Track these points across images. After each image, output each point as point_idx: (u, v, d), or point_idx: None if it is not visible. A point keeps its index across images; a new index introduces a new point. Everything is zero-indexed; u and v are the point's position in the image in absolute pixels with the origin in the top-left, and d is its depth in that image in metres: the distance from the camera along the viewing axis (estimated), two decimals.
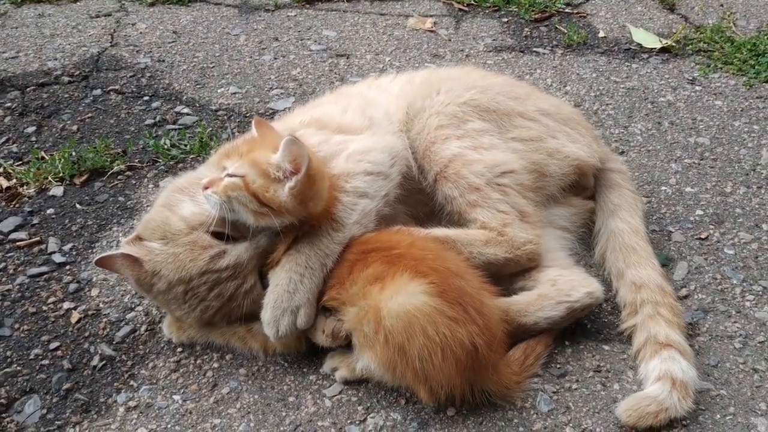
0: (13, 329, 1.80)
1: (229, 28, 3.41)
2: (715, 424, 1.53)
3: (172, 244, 1.59)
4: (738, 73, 2.94)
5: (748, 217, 2.12)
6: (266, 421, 1.56)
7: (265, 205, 1.52)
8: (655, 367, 1.57)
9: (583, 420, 1.54)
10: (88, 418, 1.58)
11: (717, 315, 1.80)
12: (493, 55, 3.14)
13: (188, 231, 1.59)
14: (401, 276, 1.47)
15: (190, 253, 1.57)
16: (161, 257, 1.58)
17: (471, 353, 1.43)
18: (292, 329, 1.54)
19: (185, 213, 1.63)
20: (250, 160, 1.53)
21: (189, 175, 1.84)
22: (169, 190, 1.75)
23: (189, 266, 1.56)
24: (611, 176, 2.04)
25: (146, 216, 1.71)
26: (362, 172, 1.70)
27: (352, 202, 1.65)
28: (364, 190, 1.68)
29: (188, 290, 1.59)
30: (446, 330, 1.41)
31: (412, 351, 1.41)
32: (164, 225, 1.62)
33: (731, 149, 2.44)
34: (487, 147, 1.84)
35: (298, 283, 1.55)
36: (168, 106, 2.75)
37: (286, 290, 1.55)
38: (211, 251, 1.57)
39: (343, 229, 1.62)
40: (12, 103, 2.75)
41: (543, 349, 1.66)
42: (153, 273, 1.59)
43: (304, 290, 1.55)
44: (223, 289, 1.59)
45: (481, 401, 1.53)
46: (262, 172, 1.52)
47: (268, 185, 1.52)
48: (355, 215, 1.64)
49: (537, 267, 1.79)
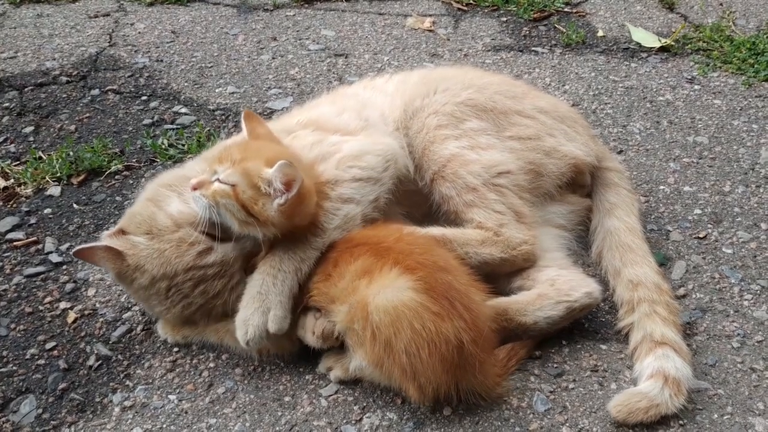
0: (9, 329, 1.79)
1: (227, 28, 3.41)
2: (713, 424, 1.52)
3: (157, 240, 1.58)
4: (737, 72, 2.93)
5: (746, 216, 2.12)
6: (262, 420, 1.55)
7: (252, 215, 1.52)
8: (648, 364, 1.56)
9: (580, 420, 1.53)
10: (83, 418, 1.57)
11: (715, 314, 1.80)
12: (492, 55, 3.14)
13: (175, 228, 1.59)
14: (389, 271, 1.47)
15: (176, 249, 1.57)
16: (146, 252, 1.58)
17: (456, 348, 1.42)
18: (262, 332, 1.51)
19: (172, 211, 1.62)
20: (242, 170, 1.53)
21: (175, 171, 1.82)
22: (155, 184, 1.74)
23: (175, 262, 1.56)
24: (608, 175, 2.04)
25: (130, 209, 1.70)
26: (350, 178, 1.69)
27: (335, 207, 1.64)
28: (350, 196, 1.67)
29: (172, 286, 1.59)
30: (431, 325, 1.40)
31: (398, 346, 1.41)
32: (150, 220, 1.61)
33: (730, 148, 2.44)
34: (485, 147, 1.84)
35: (271, 285, 1.54)
36: (166, 106, 2.75)
37: (259, 291, 1.54)
38: (198, 247, 1.58)
39: (323, 234, 1.62)
40: (10, 103, 2.75)
41: (525, 354, 1.66)
42: (136, 267, 1.58)
43: (276, 292, 1.54)
44: (208, 286, 1.59)
45: (468, 400, 1.52)
46: (252, 184, 1.52)
47: (257, 198, 1.52)
48: (336, 220, 1.63)
49: (535, 267, 1.79)
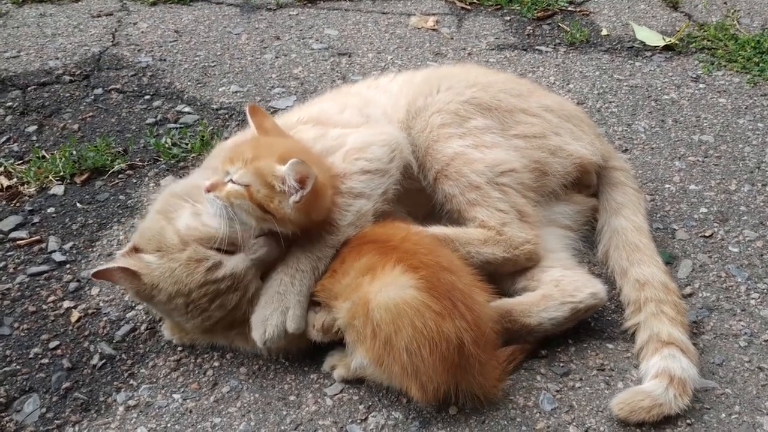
0: (12, 328, 1.79)
1: (230, 27, 3.40)
2: (720, 423, 1.51)
3: (167, 258, 1.56)
4: (742, 70, 2.92)
5: (752, 214, 2.11)
6: (267, 420, 1.54)
7: (268, 212, 1.52)
8: (654, 364, 1.56)
9: (587, 419, 1.52)
10: (87, 417, 1.57)
11: (722, 313, 1.79)
12: (496, 54, 3.13)
13: (182, 246, 1.56)
14: (392, 269, 1.46)
15: (186, 268, 1.54)
16: (158, 271, 1.55)
17: (457, 348, 1.41)
18: (281, 331, 1.51)
19: (180, 226, 1.59)
20: (255, 170, 1.52)
21: (185, 181, 1.83)
22: (167, 194, 1.72)
23: (186, 280, 1.54)
24: (614, 174, 2.02)
25: (142, 224, 1.69)
26: (358, 171, 1.68)
27: (346, 203, 1.64)
28: (360, 191, 1.66)
29: (189, 302, 1.56)
30: (432, 324, 1.39)
31: (399, 343, 1.40)
32: (159, 236, 1.59)
33: (735, 147, 2.43)
34: (489, 145, 1.83)
35: (289, 284, 1.54)
36: (169, 105, 2.74)
37: (277, 291, 1.54)
38: (206, 263, 1.54)
39: (336, 232, 1.61)
40: (13, 103, 2.74)
41: (523, 358, 1.65)
42: (152, 286, 1.56)
43: (294, 292, 1.54)
44: (224, 300, 1.56)
45: (466, 402, 1.51)
46: (266, 182, 1.51)
47: (273, 196, 1.51)
48: (349, 217, 1.62)
49: (539, 267, 1.78)
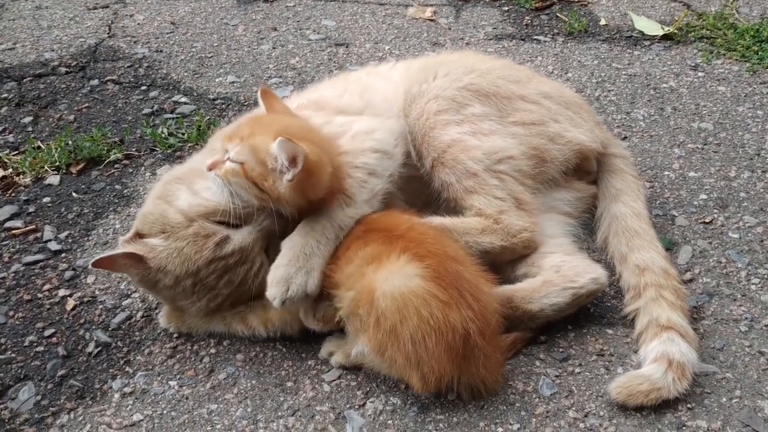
0: (7, 316, 1.77)
1: (227, 19, 3.39)
2: (721, 407, 1.50)
3: (173, 238, 1.55)
4: (741, 59, 2.90)
5: (752, 201, 2.09)
6: (264, 405, 1.53)
7: (264, 191, 1.50)
8: (653, 348, 1.54)
9: (586, 404, 1.51)
10: (82, 405, 1.55)
11: (722, 298, 1.77)
12: (494, 44, 3.11)
13: (187, 223, 1.55)
14: (398, 258, 1.44)
15: (193, 245, 1.53)
16: (165, 253, 1.54)
17: (463, 338, 1.40)
18: (302, 292, 1.49)
19: (182, 204, 1.59)
20: (249, 147, 1.50)
21: (184, 165, 1.82)
22: (164, 181, 1.71)
23: (195, 258, 1.53)
24: (613, 161, 2.01)
25: (142, 210, 1.67)
26: (369, 149, 1.68)
27: (362, 179, 1.63)
28: (373, 168, 1.65)
29: (197, 282, 1.55)
30: (439, 313, 1.37)
31: (404, 333, 1.38)
32: (162, 218, 1.58)
33: (735, 134, 2.41)
34: (487, 132, 1.82)
35: (315, 248, 1.53)
36: (165, 96, 2.72)
37: (303, 252, 1.51)
38: (215, 238, 1.54)
39: (355, 205, 1.60)
40: (9, 94, 2.73)
41: (521, 347, 1.64)
42: (158, 269, 1.55)
43: (320, 255, 1.53)
44: (232, 275, 1.56)
45: (468, 392, 1.50)
46: (260, 160, 1.49)
47: (267, 174, 1.49)
48: (365, 193, 1.62)
49: (539, 253, 1.76)
